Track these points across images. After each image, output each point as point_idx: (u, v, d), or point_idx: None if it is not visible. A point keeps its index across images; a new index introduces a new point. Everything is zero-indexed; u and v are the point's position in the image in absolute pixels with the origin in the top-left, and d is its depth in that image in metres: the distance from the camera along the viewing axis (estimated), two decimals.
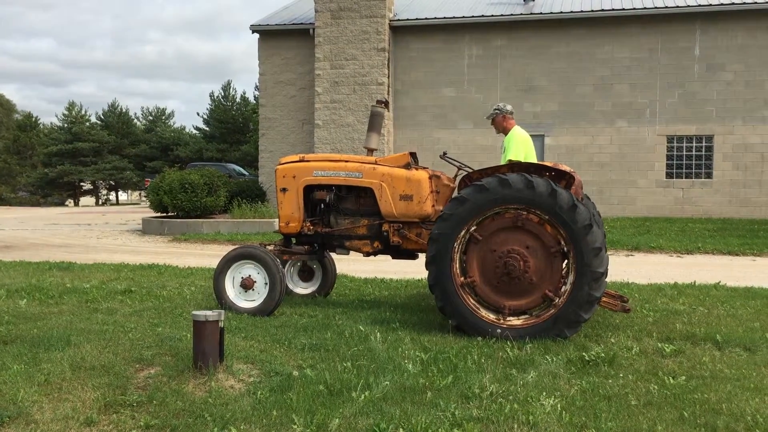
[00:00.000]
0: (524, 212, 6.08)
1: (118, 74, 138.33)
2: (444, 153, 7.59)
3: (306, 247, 7.75)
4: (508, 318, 6.10)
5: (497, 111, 7.54)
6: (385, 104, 7.99)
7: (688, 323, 6.78)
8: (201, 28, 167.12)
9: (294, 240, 7.81)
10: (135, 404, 4.24)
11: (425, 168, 7.46)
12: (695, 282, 9.73)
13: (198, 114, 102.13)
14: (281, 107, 24.19)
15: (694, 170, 21.44)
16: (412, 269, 9.57)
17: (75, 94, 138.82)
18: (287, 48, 24.03)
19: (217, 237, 17.62)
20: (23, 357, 5.02)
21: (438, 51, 22.84)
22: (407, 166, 7.28)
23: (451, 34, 22.73)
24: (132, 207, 44.86)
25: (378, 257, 7.90)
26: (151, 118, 67.87)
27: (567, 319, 5.94)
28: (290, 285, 8.32)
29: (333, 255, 8.21)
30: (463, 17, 22.41)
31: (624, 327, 6.59)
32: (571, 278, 5.98)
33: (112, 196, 64.53)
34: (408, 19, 22.80)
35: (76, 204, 55.82)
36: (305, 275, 8.49)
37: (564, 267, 6.11)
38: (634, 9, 21.27)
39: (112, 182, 60.38)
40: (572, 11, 21.66)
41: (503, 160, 7.23)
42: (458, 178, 7.23)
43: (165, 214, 21.10)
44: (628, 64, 21.56)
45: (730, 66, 20.96)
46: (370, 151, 7.80)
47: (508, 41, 22.38)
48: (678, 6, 20.99)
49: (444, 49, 22.80)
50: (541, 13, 21.87)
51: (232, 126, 54.26)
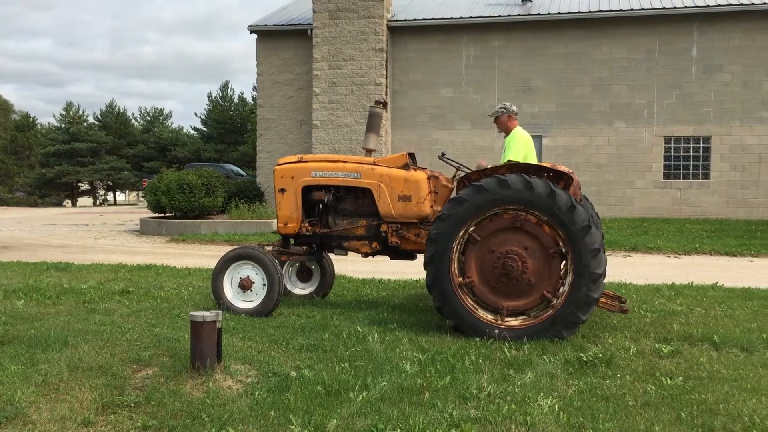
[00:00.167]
0: (523, 213, 6.08)
1: (116, 74, 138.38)
2: (442, 153, 7.58)
3: (304, 248, 7.75)
4: (506, 318, 6.11)
5: (503, 110, 7.43)
6: (384, 105, 7.99)
7: (686, 324, 6.79)
8: (199, 29, 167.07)
9: (292, 240, 7.81)
10: (132, 405, 4.24)
11: (423, 168, 7.45)
12: (693, 283, 9.75)
13: (196, 114, 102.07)
14: (279, 108, 24.18)
15: (692, 171, 21.47)
16: (410, 270, 9.57)
17: (73, 95, 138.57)
18: (285, 48, 24.02)
19: (215, 237, 17.62)
20: (20, 357, 5.02)
21: (436, 52, 22.85)
22: (405, 167, 7.28)
23: (449, 35, 22.74)
24: (130, 207, 44.80)
25: (376, 258, 7.90)
26: (149, 119, 67.79)
27: (565, 320, 5.95)
28: (288, 285, 8.31)
29: (331, 255, 8.22)
30: (461, 18, 22.43)
31: (621, 327, 6.60)
32: (570, 279, 5.99)
33: (110, 197, 64.49)
34: (406, 20, 22.80)
35: (74, 204, 55.76)
36: (304, 276, 8.49)
37: (562, 268, 6.11)
38: (632, 10, 21.29)
39: (110, 183, 60.37)
40: (570, 12, 21.68)
41: (503, 160, 7.23)
42: (456, 179, 7.24)
43: (163, 215, 21.09)
44: (626, 65, 21.58)
45: (728, 67, 20.99)
46: (369, 152, 7.80)
47: (506, 42, 22.40)
48: (676, 7, 21.02)
49: (442, 50, 22.80)
50: (539, 14, 21.90)
51: (230, 126, 54.27)
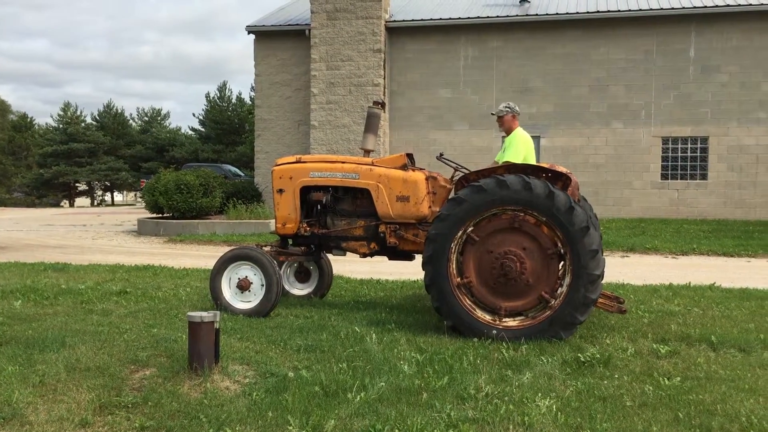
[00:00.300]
0: (521, 213, 6.08)
1: (114, 75, 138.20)
2: (441, 154, 7.57)
3: (303, 248, 7.75)
4: (504, 319, 6.11)
5: (508, 109, 7.39)
6: (382, 105, 7.99)
7: (683, 324, 6.79)
8: (196, 29, 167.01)
9: (291, 241, 7.81)
10: (130, 405, 4.24)
11: (422, 169, 7.44)
12: (690, 283, 9.75)
13: (194, 115, 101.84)
14: (277, 108, 24.17)
15: (689, 171, 21.50)
16: (408, 270, 9.57)
17: (70, 95, 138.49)
18: (283, 49, 24.01)
19: (213, 238, 17.60)
20: (18, 358, 5.01)
21: (434, 52, 22.85)
22: (404, 168, 7.27)
23: (447, 36, 22.75)
24: (127, 208, 44.76)
25: (374, 258, 7.89)
26: (147, 119, 67.72)
27: (563, 321, 5.95)
28: (287, 286, 8.30)
29: (329, 256, 8.21)
30: (459, 18, 22.44)
31: (619, 328, 6.60)
32: (568, 280, 5.98)
33: (108, 197, 64.39)
34: (404, 21, 22.81)
35: (72, 205, 55.68)
36: (302, 276, 8.48)
37: (560, 269, 6.11)
38: (630, 11, 21.31)
39: (108, 183, 60.27)
40: (568, 13, 21.69)
41: (501, 158, 7.22)
42: (455, 180, 7.24)
43: (160, 215, 21.08)
44: (624, 66, 21.61)
45: (725, 68, 21.02)
46: (367, 152, 7.80)
47: (504, 42, 22.42)
48: (673, 8, 21.04)
49: (440, 51, 22.81)
50: (537, 15, 21.91)
51: (228, 127, 54.21)
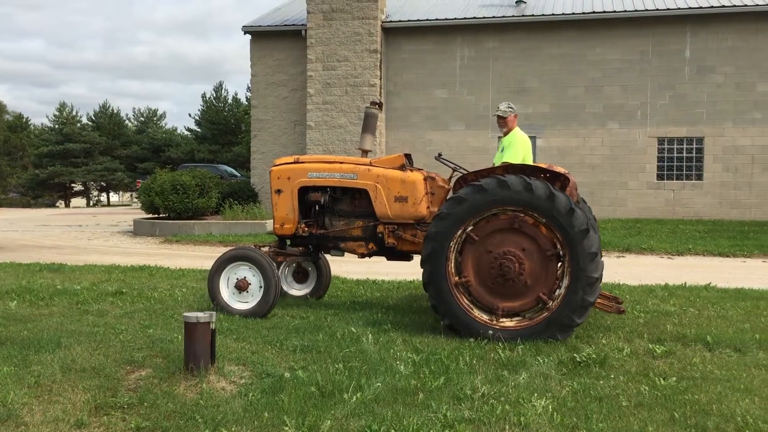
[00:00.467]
0: (521, 214, 6.08)
1: (110, 75, 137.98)
2: (439, 154, 7.57)
3: (301, 249, 7.74)
4: (501, 319, 6.11)
5: (511, 109, 7.41)
6: (379, 105, 7.99)
7: (679, 324, 6.80)
8: (193, 29, 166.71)
9: (289, 241, 7.80)
10: (126, 406, 4.23)
11: (420, 169, 7.44)
12: (686, 283, 9.77)
13: (190, 115, 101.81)
14: (273, 108, 24.16)
15: (685, 172, 21.55)
16: (405, 271, 9.58)
17: (66, 95, 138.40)
18: (279, 49, 24.00)
19: (209, 238, 17.58)
20: (13, 359, 5.00)
21: (430, 53, 22.87)
22: (402, 168, 7.27)
23: (443, 36, 22.77)
24: (123, 208, 44.68)
25: (370, 259, 7.89)
26: (143, 119, 67.63)
27: (560, 323, 5.95)
28: (284, 286, 8.28)
29: (327, 256, 8.21)
30: (455, 19, 22.46)
31: (615, 328, 6.61)
32: (566, 282, 5.98)
33: (103, 198, 64.25)
34: (400, 21, 22.82)
35: (67, 205, 55.54)
36: (300, 277, 8.47)
37: (559, 270, 6.11)
38: (625, 11, 21.36)
39: (103, 183, 60.13)
40: (564, 13, 21.73)
41: (500, 159, 7.22)
42: (453, 180, 7.24)
43: (156, 216, 21.05)
44: (620, 66, 21.65)
45: (721, 68, 21.08)
46: (365, 153, 7.79)
47: (500, 43, 22.44)
48: (669, 8, 21.10)
49: (436, 51, 22.83)
50: (533, 15, 21.95)
51: (224, 127, 54.16)
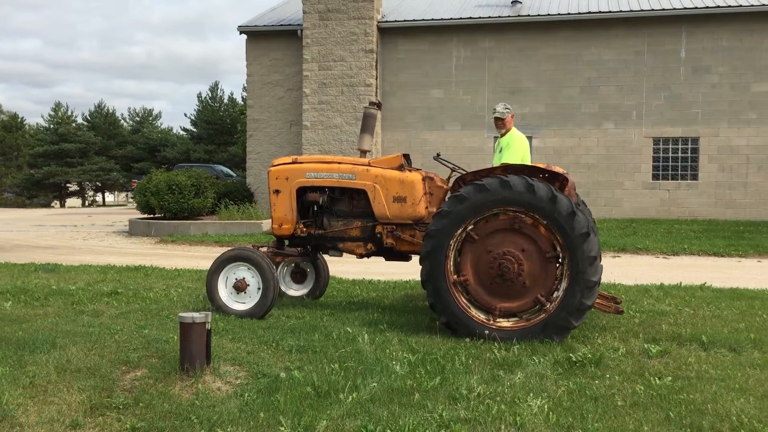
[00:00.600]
0: (522, 215, 6.08)
1: (105, 75, 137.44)
2: (438, 154, 7.57)
3: (299, 249, 7.73)
4: (499, 319, 6.11)
5: (508, 110, 7.44)
6: (378, 105, 7.99)
7: (674, 324, 6.82)
8: (189, 29, 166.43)
9: (287, 242, 7.79)
10: (121, 407, 4.22)
11: (418, 170, 7.44)
12: (681, 283, 9.79)
13: (185, 115, 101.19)
14: (269, 108, 24.13)
15: (680, 172, 21.60)
16: (401, 271, 9.58)
17: (61, 95, 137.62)
18: (275, 49, 23.98)
19: (205, 238, 17.55)
20: (8, 359, 4.98)
21: (426, 53, 22.87)
22: (400, 168, 7.27)
23: (439, 36, 22.77)
24: (119, 208, 44.56)
25: (368, 259, 7.88)
26: (138, 119, 67.48)
27: (557, 325, 5.95)
28: (282, 286, 8.26)
29: (325, 256, 8.19)
30: (451, 19, 22.46)
31: (610, 328, 6.63)
32: (564, 284, 5.98)
33: (99, 198, 64.08)
34: (396, 21, 22.81)
35: (62, 205, 55.37)
36: (298, 277, 8.46)
37: (558, 272, 6.11)
38: (621, 11, 21.39)
39: (99, 183, 59.96)
40: (559, 13, 21.76)
41: (499, 160, 7.22)
42: (451, 180, 7.24)
43: (152, 216, 21.00)
44: (615, 67, 21.69)
45: (716, 68, 21.13)
46: (363, 153, 7.79)
47: (496, 43, 22.46)
48: (664, 9, 21.14)
49: (432, 51, 22.83)
50: (529, 15, 21.96)
51: (220, 127, 54.10)
